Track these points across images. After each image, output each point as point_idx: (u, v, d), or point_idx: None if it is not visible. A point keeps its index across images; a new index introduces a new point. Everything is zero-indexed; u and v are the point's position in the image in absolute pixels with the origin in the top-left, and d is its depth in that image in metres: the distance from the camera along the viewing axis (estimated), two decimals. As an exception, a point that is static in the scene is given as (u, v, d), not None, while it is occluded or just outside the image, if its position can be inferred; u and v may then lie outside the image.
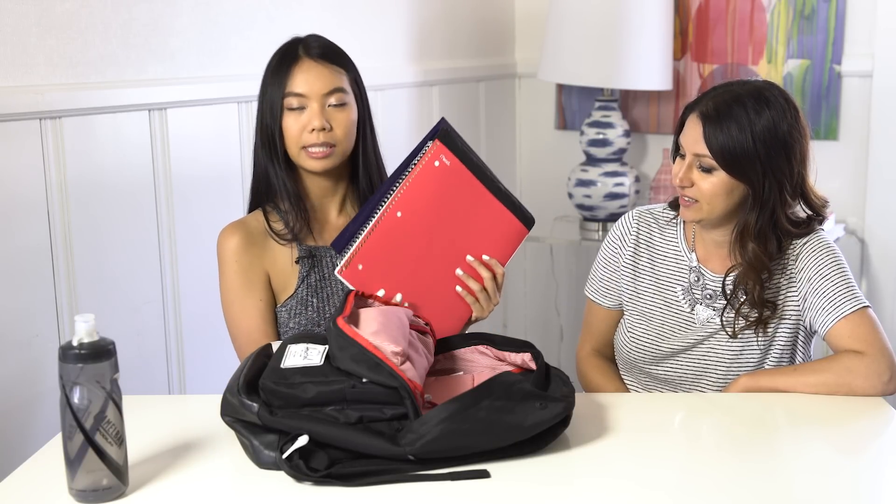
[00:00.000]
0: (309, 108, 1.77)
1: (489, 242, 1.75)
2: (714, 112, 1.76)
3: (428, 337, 1.63)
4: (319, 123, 1.75)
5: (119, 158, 2.15)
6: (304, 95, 1.76)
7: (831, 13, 3.08)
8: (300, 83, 1.77)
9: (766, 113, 1.75)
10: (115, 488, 1.30)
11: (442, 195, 1.69)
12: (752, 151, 1.74)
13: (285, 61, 1.79)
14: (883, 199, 3.07)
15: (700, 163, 1.78)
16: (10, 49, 1.93)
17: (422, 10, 3.08)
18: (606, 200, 3.20)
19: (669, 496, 1.34)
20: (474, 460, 1.38)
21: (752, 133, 1.74)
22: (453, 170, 1.69)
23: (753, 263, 1.80)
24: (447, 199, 1.69)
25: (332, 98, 1.77)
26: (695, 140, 1.78)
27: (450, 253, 1.72)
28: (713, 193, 1.78)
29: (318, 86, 1.77)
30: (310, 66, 1.78)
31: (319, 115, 1.76)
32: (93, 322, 1.28)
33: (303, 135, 1.77)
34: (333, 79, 1.79)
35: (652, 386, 1.95)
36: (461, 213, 1.71)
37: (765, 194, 1.77)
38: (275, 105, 1.78)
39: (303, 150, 1.78)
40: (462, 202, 1.71)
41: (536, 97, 3.61)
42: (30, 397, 2.00)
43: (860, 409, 1.65)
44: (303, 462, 1.33)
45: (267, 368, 1.44)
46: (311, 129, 1.76)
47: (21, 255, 1.96)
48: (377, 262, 1.67)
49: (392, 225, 1.67)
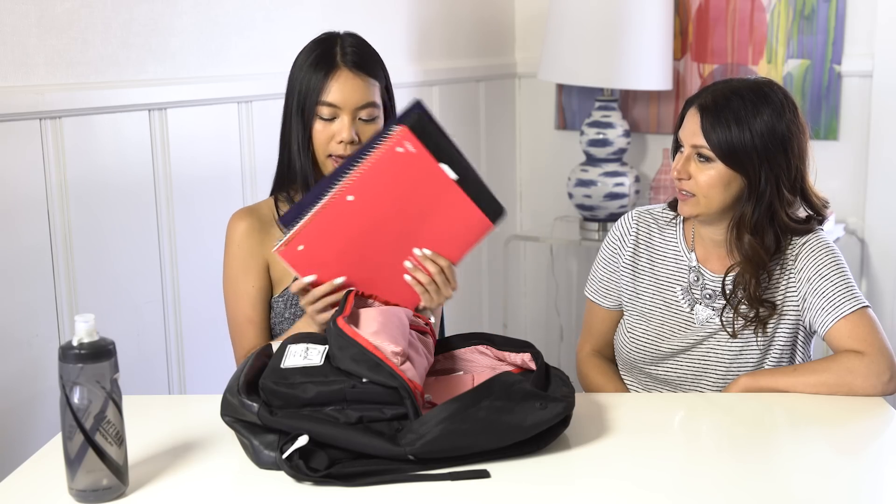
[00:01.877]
0: (340, 120, 1.78)
1: (446, 234, 1.67)
2: (712, 104, 1.78)
3: (428, 337, 1.62)
4: (348, 136, 1.77)
5: (119, 158, 2.15)
6: (338, 107, 1.77)
7: (831, 13, 3.08)
8: (335, 94, 1.77)
9: (764, 106, 1.77)
10: (115, 488, 1.30)
11: (399, 183, 1.62)
12: (748, 143, 1.75)
13: (322, 65, 1.78)
14: (883, 199, 3.07)
15: (698, 154, 1.79)
16: (10, 49, 1.93)
17: (422, 10, 3.08)
18: (606, 200, 3.20)
19: (669, 496, 1.34)
20: (474, 460, 1.38)
21: (750, 125, 1.75)
22: (417, 157, 1.61)
23: (750, 256, 1.81)
24: (405, 186, 1.62)
25: (363, 112, 1.78)
26: (693, 132, 1.79)
27: (401, 242, 1.66)
28: (710, 185, 1.78)
29: (353, 100, 1.77)
30: (346, 77, 1.78)
31: (349, 127, 1.77)
32: (93, 322, 1.28)
33: (330, 144, 1.78)
34: (367, 92, 1.79)
35: (652, 386, 1.95)
36: (419, 202, 1.64)
37: (761, 186, 1.78)
38: (309, 103, 1.78)
39: (328, 158, 1.80)
40: (421, 191, 1.63)
41: (536, 97, 3.61)
42: (30, 397, 2.00)
43: (860, 409, 1.65)
44: (303, 462, 1.33)
45: (267, 368, 1.44)
46: (340, 140, 1.77)
47: (21, 254, 1.97)
48: (319, 245, 1.62)
49: (340, 209, 1.61)
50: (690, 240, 1.92)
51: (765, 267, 1.82)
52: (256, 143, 2.46)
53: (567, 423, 1.44)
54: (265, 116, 2.47)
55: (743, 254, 1.82)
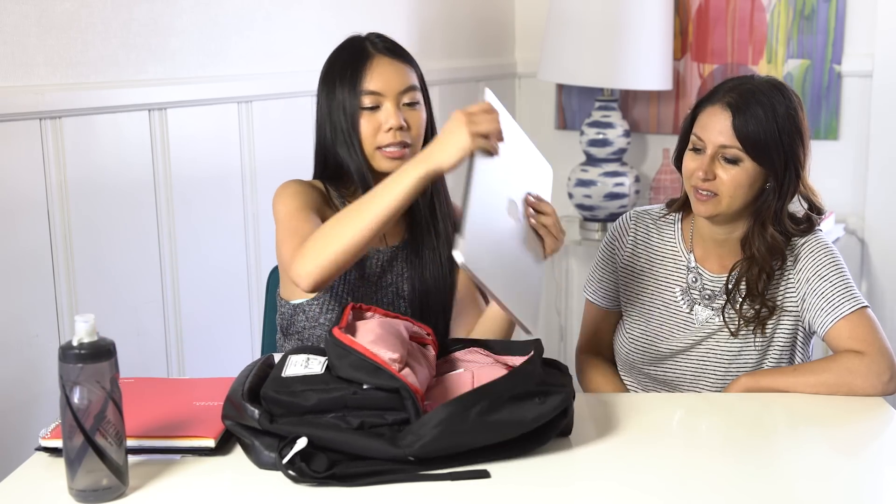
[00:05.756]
0: (384, 108, 1.71)
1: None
2: (741, 102, 1.78)
3: (429, 348, 1.61)
4: (397, 122, 1.70)
5: (119, 158, 2.15)
6: (380, 93, 1.71)
7: (831, 13, 3.08)
8: (376, 81, 1.71)
9: (785, 102, 1.79)
10: (115, 488, 1.30)
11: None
12: (776, 139, 1.77)
13: (355, 59, 1.73)
14: (883, 199, 3.08)
15: (724, 154, 1.78)
16: (10, 49, 1.93)
17: (422, 10, 3.08)
18: (606, 200, 3.20)
19: (669, 496, 1.34)
20: (475, 460, 1.38)
21: (777, 121, 1.77)
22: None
23: (772, 249, 1.81)
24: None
25: (405, 97, 1.73)
26: (720, 131, 1.78)
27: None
28: (737, 185, 1.78)
29: (395, 83, 1.72)
30: (383, 62, 1.73)
31: (396, 113, 1.71)
32: (93, 322, 1.28)
33: (378, 135, 1.71)
34: (407, 76, 1.74)
35: (651, 386, 1.95)
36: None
37: (786, 181, 1.80)
38: (348, 106, 1.72)
39: (377, 151, 1.72)
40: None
41: (536, 97, 3.61)
42: (30, 397, 2.00)
43: (860, 409, 1.65)
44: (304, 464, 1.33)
45: (268, 378, 1.44)
46: (388, 128, 1.71)
47: (21, 255, 1.97)
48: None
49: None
50: (689, 240, 1.92)
51: (782, 257, 1.82)
52: (256, 143, 2.46)
53: (566, 415, 1.44)
54: (265, 116, 2.47)
55: (765, 246, 1.81)
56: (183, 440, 1.42)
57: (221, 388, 1.53)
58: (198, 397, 1.55)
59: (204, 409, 1.50)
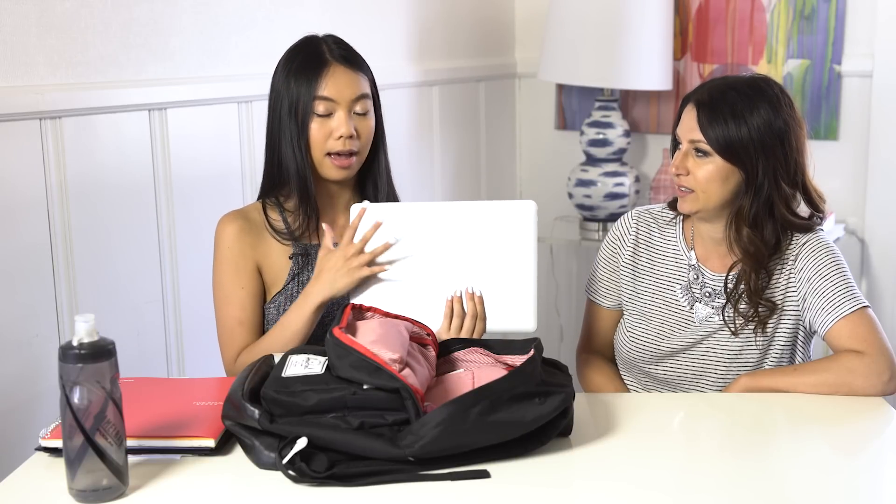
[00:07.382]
0: (336, 115, 1.78)
1: None
2: (708, 99, 1.79)
3: (429, 348, 1.61)
4: (347, 130, 1.77)
5: (119, 158, 2.15)
6: (333, 101, 1.77)
7: (831, 13, 3.08)
8: (330, 88, 1.77)
9: (760, 100, 1.78)
10: (115, 488, 1.30)
11: None
12: (745, 136, 1.76)
13: (312, 63, 1.79)
14: (883, 199, 3.07)
15: (695, 149, 1.79)
16: (10, 49, 1.93)
17: (422, 10, 3.08)
18: (606, 200, 3.20)
19: (669, 496, 1.34)
20: (475, 460, 1.38)
21: (746, 118, 1.77)
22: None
23: (749, 250, 1.81)
24: None
25: (357, 105, 1.79)
26: (690, 127, 1.80)
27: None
28: (708, 180, 1.79)
29: (347, 92, 1.78)
30: (338, 71, 1.78)
31: (347, 122, 1.77)
32: (93, 322, 1.28)
33: (328, 141, 1.78)
34: (360, 84, 1.80)
35: (652, 386, 1.95)
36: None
37: (759, 179, 1.79)
38: (301, 108, 1.77)
39: (326, 157, 1.79)
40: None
41: (536, 97, 3.61)
42: (30, 397, 2.00)
43: (860, 409, 1.65)
44: (305, 464, 1.33)
45: (268, 378, 1.44)
46: (339, 136, 1.77)
47: (21, 255, 1.96)
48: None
49: None
50: (690, 239, 1.93)
51: (764, 261, 1.82)
52: (256, 143, 2.46)
53: (567, 415, 1.44)
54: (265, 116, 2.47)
55: (742, 248, 1.82)
56: (183, 440, 1.42)
57: (221, 388, 1.53)
58: (198, 397, 1.55)
59: (204, 409, 1.51)
